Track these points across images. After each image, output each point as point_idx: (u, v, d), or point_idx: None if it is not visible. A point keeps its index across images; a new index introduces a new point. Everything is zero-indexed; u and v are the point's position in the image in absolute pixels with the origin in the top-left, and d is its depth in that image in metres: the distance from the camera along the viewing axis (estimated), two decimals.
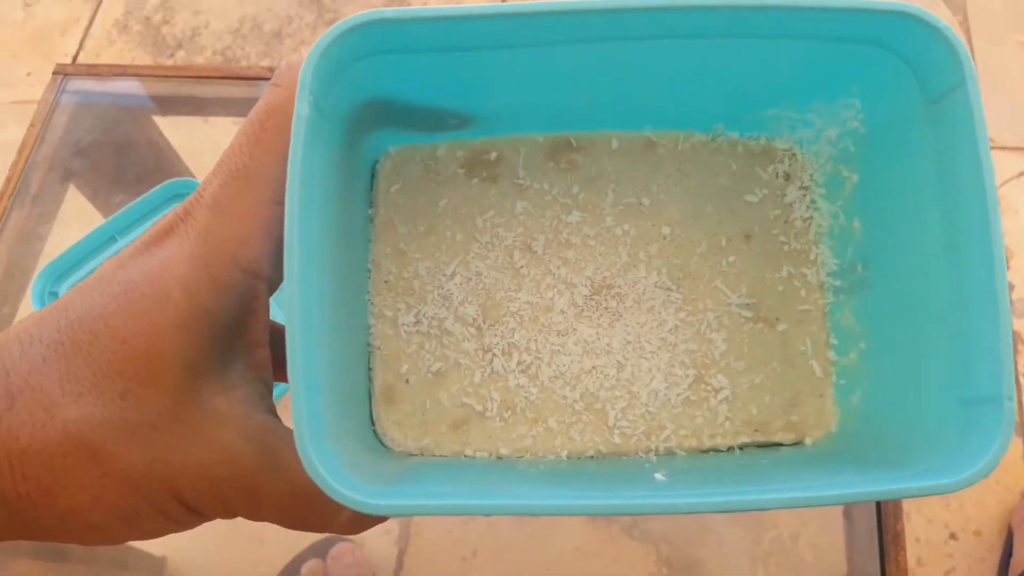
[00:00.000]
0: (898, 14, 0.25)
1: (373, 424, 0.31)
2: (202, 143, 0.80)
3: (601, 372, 0.31)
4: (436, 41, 0.26)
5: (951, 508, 0.75)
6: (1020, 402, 0.88)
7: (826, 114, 0.31)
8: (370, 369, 0.31)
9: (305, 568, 0.74)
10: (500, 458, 0.31)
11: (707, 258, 0.33)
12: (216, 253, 0.23)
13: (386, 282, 0.32)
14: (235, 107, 0.80)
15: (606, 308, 0.32)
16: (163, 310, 0.22)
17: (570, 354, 0.31)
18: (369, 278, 0.32)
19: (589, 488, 0.27)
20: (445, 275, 0.32)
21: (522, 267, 0.32)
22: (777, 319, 0.32)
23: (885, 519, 0.69)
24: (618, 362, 0.31)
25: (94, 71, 0.75)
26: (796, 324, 0.32)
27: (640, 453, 0.31)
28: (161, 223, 0.24)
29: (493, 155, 0.33)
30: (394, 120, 0.31)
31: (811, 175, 0.33)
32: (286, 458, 0.24)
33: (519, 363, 0.31)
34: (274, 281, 0.25)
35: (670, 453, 0.31)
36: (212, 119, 0.81)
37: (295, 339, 0.22)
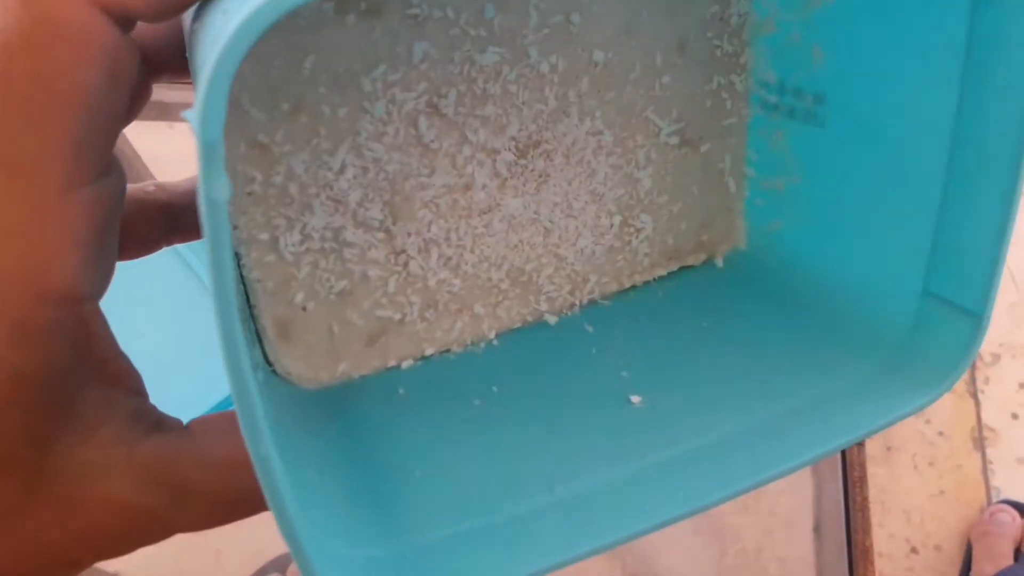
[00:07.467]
0: None
1: (271, 365, 0.24)
2: (167, 149, 0.77)
3: (528, 244, 0.27)
4: None
5: (912, 523, 0.78)
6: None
7: None
8: (252, 307, 0.23)
9: None
10: (426, 358, 0.26)
11: (640, 84, 0.26)
12: (8, 296, 0.15)
13: (250, 194, 0.22)
14: None
15: (532, 171, 0.26)
16: None
17: (495, 234, 0.26)
18: None
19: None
20: (332, 170, 0.23)
21: (432, 140, 0.24)
22: (701, 139, 0.28)
23: (855, 534, 0.73)
24: (545, 228, 0.27)
25: None
26: (719, 140, 0.29)
27: (565, 311, 0.28)
28: None
29: None
30: None
31: None
32: (195, 482, 0.19)
33: (439, 257, 0.25)
34: (100, 287, 0.17)
35: (593, 303, 0.29)
36: (177, 124, 0.79)
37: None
